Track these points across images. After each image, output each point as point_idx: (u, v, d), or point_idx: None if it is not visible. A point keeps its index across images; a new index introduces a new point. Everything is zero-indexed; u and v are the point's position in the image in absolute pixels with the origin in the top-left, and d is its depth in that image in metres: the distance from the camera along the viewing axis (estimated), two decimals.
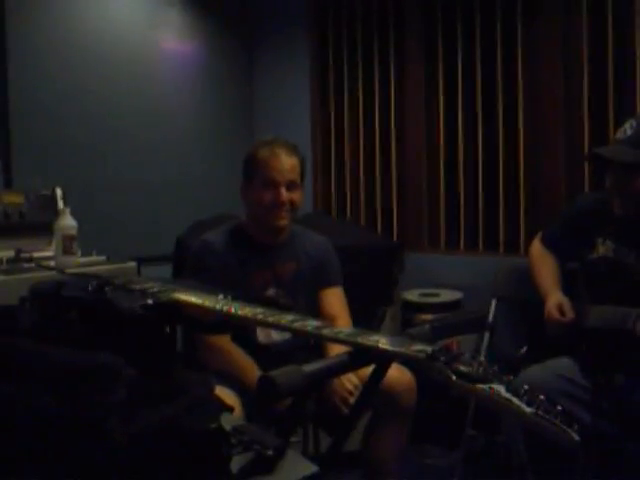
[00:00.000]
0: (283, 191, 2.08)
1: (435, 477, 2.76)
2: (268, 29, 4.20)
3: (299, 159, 2.15)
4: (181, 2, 3.88)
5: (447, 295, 3.30)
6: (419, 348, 0.92)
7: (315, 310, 2.19)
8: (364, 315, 2.46)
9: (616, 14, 2.97)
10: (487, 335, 2.64)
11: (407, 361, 0.93)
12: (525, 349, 2.31)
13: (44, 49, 3.30)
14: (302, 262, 2.21)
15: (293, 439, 2.32)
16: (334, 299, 2.23)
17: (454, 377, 0.86)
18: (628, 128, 1.96)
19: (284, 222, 2.12)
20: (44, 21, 3.30)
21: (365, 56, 3.88)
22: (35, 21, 3.27)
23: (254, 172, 2.12)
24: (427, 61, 3.63)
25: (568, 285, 2.20)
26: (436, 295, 3.32)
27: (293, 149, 2.15)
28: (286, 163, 2.09)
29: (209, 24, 4.03)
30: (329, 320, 2.14)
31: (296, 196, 2.12)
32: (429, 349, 0.90)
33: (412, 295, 3.32)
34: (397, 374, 1.98)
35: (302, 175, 2.17)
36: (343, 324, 2.13)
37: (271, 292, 2.13)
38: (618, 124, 2.07)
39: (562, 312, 2.08)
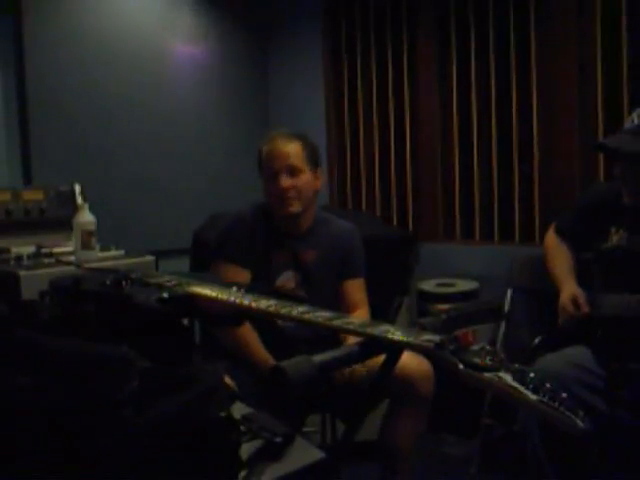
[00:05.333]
0: (282, 178, 2.08)
1: (452, 466, 2.77)
2: (282, 27, 4.21)
3: (302, 144, 2.14)
4: (195, 1, 3.92)
5: (463, 285, 3.30)
6: (428, 338, 0.94)
7: (335, 299, 2.20)
8: (381, 305, 2.47)
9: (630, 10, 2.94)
10: (503, 324, 2.64)
11: (417, 350, 0.94)
12: (541, 338, 2.30)
13: (61, 48, 3.33)
14: (325, 250, 2.20)
15: (310, 429, 2.35)
16: (356, 290, 2.24)
17: (461, 366, 0.88)
18: (635, 117, 1.95)
19: (293, 209, 2.11)
20: (60, 21, 3.33)
21: (378, 49, 3.88)
22: (51, 21, 3.30)
23: (261, 167, 2.18)
24: (440, 53, 3.62)
25: (583, 274, 2.20)
26: (452, 285, 3.32)
27: (293, 135, 2.15)
28: (282, 150, 2.11)
29: (225, 23, 4.04)
30: (349, 310, 2.17)
31: (300, 181, 2.11)
32: (437, 338, 0.92)
33: (428, 285, 3.33)
34: (415, 362, 1.97)
35: (312, 160, 2.16)
36: (362, 315, 2.15)
37: (288, 275, 2.16)
38: (632, 112, 2.05)
39: (576, 305, 2.07)
